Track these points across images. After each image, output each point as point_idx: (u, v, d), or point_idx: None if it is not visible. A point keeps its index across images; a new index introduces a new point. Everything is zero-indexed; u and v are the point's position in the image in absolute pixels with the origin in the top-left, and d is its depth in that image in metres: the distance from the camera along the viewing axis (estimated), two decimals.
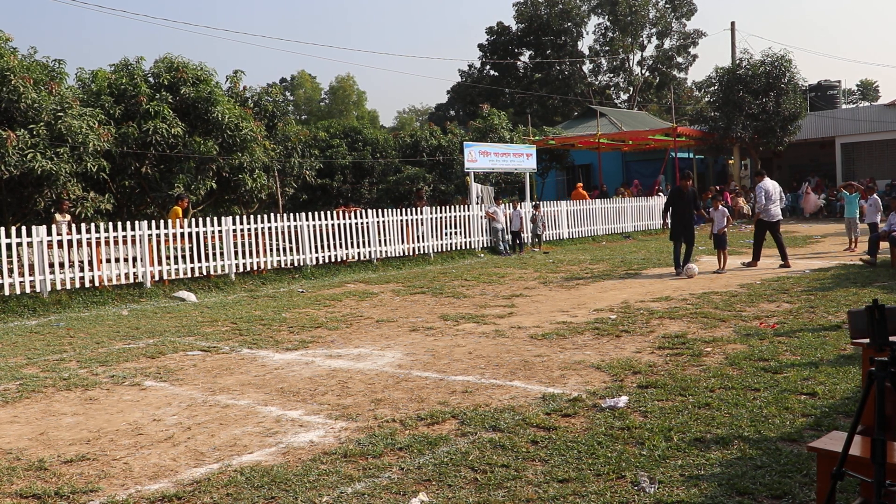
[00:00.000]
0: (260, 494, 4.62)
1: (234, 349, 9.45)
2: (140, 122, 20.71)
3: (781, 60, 32.92)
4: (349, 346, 9.40)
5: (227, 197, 24.27)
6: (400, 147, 39.02)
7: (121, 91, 21.47)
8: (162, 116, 20.85)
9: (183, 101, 21.86)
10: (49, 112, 18.20)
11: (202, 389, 7.41)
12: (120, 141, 20.30)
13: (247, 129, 22.41)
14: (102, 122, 19.77)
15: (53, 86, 19.20)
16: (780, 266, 15.44)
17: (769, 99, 32.63)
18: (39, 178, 17.78)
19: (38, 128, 17.84)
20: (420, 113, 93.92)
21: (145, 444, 5.75)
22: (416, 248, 20.37)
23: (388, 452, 5.29)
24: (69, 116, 18.31)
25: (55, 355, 9.49)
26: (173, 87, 21.99)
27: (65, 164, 17.82)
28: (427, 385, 7.16)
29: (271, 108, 26.62)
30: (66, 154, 18.00)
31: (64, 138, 18.03)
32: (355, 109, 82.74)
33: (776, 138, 33.05)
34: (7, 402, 7.21)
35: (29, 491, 4.84)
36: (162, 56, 22.92)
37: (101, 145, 19.03)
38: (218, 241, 16.55)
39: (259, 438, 5.77)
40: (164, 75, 22.10)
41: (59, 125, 18.07)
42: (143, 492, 4.77)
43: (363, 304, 13.03)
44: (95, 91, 21.72)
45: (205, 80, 22.58)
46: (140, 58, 22.90)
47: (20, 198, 18.73)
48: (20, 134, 17.33)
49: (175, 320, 12.03)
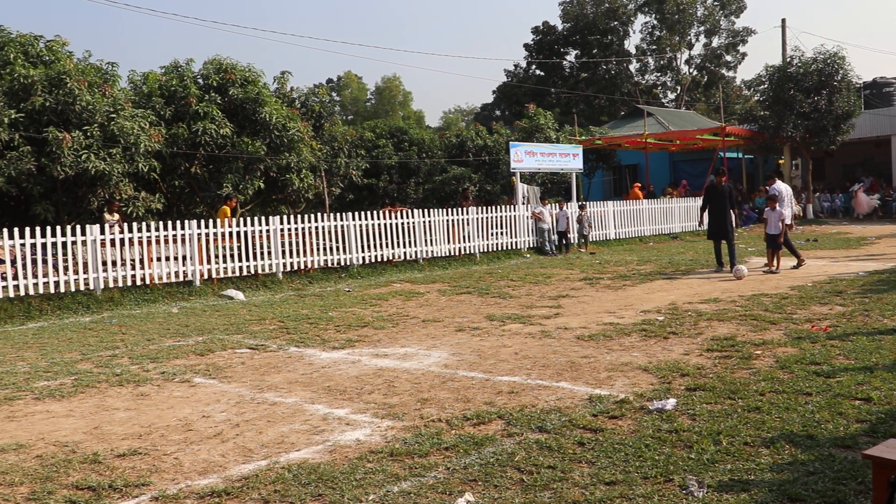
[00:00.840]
0: (307, 492, 4.65)
1: (282, 347, 9.54)
2: (189, 122, 21.02)
3: (834, 58, 32.26)
4: (395, 345, 9.44)
5: (274, 197, 24.52)
6: (446, 147, 39.08)
7: (171, 92, 21.82)
8: (211, 117, 21.14)
9: (231, 101, 22.14)
10: (102, 114, 18.57)
11: (250, 387, 7.50)
12: (170, 141, 20.63)
13: (294, 129, 22.62)
14: (153, 123, 20.12)
15: (107, 88, 19.60)
16: (764, 267, 15.57)
17: (821, 97, 32.01)
18: (93, 179, 18.16)
19: (92, 129, 18.21)
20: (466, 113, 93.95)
21: (195, 440, 5.83)
22: (462, 248, 20.37)
23: (434, 452, 5.29)
24: (122, 118, 18.66)
25: (108, 351, 9.67)
26: (222, 88, 22.29)
27: (117, 165, 18.16)
28: (473, 385, 7.16)
29: (318, 108, 26.83)
30: (119, 154, 18.35)
31: (116, 139, 18.37)
32: (401, 110, 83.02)
33: (828, 137, 32.40)
34: (63, 396, 7.37)
35: (84, 483, 4.94)
36: (211, 58, 23.25)
37: (152, 146, 19.36)
38: (265, 241, 16.72)
39: (306, 436, 5.82)
40: (213, 77, 22.40)
41: (111, 126, 18.43)
42: (193, 486, 4.84)
43: (409, 304, 13.07)
44: (147, 93, 22.10)
45: (253, 81, 22.85)
46: (190, 60, 23.26)
47: (75, 197, 19.14)
48: (75, 135, 17.72)
49: (223, 318, 12.18)
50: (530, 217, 22.29)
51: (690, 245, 23.28)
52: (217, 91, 22.15)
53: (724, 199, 15.49)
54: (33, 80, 18.39)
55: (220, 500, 4.59)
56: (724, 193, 15.53)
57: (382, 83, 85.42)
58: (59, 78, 18.54)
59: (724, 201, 15.48)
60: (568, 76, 64.43)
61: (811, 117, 31.95)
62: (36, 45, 20.21)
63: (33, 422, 6.54)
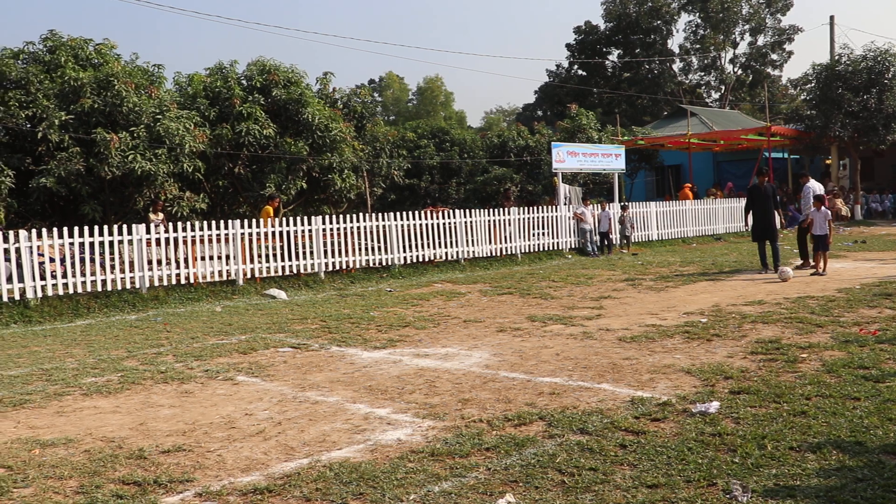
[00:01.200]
0: (348, 490, 4.68)
1: (324, 346, 9.61)
2: (233, 123, 21.26)
3: (885, 55, 31.62)
4: (437, 345, 9.45)
5: (316, 197, 24.71)
6: (487, 147, 39.04)
7: (215, 94, 22.09)
8: (254, 118, 21.36)
9: (274, 102, 22.35)
10: (149, 115, 18.88)
11: (292, 385, 7.56)
12: (214, 142, 20.89)
13: (336, 129, 22.77)
14: (198, 123, 20.38)
15: (153, 90, 19.91)
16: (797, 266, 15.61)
17: (871, 96, 31.39)
18: (139, 179, 18.45)
19: (139, 130, 18.52)
20: (507, 113, 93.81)
21: (238, 438, 5.89)
22: (504, 249, 20.34)
23: (475, 452, 5.29)
24: (167, 119, 18.94)
25: (153, 349, 9.82)
26: (265, 89, 22.51)
27: (162, 165, 18.44)
28: (514, 386, 7.14)
29: (360, 109, 26.99)
30: (164, 155, 18.62)
31: (162, 140, 18.65)
32: (443, 110, 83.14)
33: (878, 137, 31.75)
34: (110, 392, 7.50)
35: (130, 478, 5.02)
36: (255, 59, 23.50)
37: (197, 146, 19.63)
38: (308, 241, 16.85)
39: (347, 435, 5.85)
40: (256, 78, 22.64)
41: (157, 127, 18.72)
42: (236, 483, 4.89)
43: (450, 304, 13.08)
44: (192, 94, 22.41)
45: (296, 83, 23.04)
46: (234, 61, 23.55)
47: (121, 197, 19.47)
48: (122, 136, 18.03)
49: (266, 317, 12.30)
50: (572, 218, 22.17)
51: (734, 246, 22.98)
52: (260, 92, 22.37)
53: (767, 199, 15.31)
54: (83, 83, 18.76)
55: (263, 498, 4.64)
56: (767, 194, 15.34)
57: (424, 83, 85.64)
58: (107, 80, 18.88)
59: (768, 202, 15.31)
60: (610, 76, 63.98)
61: (860, 116, 31.35)
62: (86, 48, 20.60)
63: (81, 417, 6.66)
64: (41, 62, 19.91)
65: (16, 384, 8.03)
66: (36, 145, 18.49)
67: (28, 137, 18.71)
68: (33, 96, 18.50)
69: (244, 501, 4.60)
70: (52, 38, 20.47)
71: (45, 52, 20.30)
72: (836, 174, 36.84)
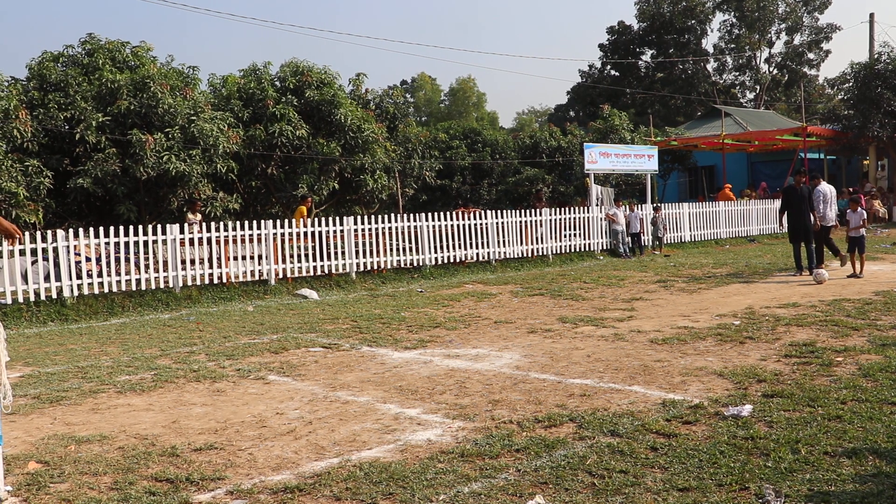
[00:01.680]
0: (378, 490, 4.69)
1: (355, 346, 9.64)
2: (267, 124, 21.42)
3: None
4: (467, 346, 9.45)
5: (348, 197, 24.83)
6: (519, 148, 38.97)
7: (249, 95, 22.27)
8: (287, 119, 21.51)
9: (307, 103, 22.49)
10: (183, 116, 19.09)
11: (323, 385, 7.59)
12: (247, 143, 21.06)
13: (369, 130, 22.86)
14: (232, 125, 20.57)
15: (188, 91, 20.12)
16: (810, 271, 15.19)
17: None
18: (173, 179, 18.65)
19: (174, 131, 18.73)
20: (539, 114, 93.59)
21: (269, 437, 5.93)
22: (535, 250, 20.29)
23: (505, 454, 5.28)
24: (201, 120, 19.14)
25: (186, 348, 9.92)
26: (298, 90, 22.65)
27: (196, 166, 18.63)
28: (545, 387, 7.12)
29: (392, 109, 27.08)
30: (198, 156, 18.82)
31: (196, 141, 18.84)
32: (475, 111, 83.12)
33: None
34: (143, 390, 7.59)
35: (163, 475, 5.08)
36: (288, 61, 23.66)
37: (230, 147, 19.81)
38: (339, 241, 16.92)
39: (378, 435, 5.86)
40: (289, 79, 22.79)
41: (192, 128, 18.92)
42: (267, 482, 4.92)
43: (481, 305, 13.07)
44: (226, 95, 22.62)
45: (328, 84, 23.16)
46: (267, 63, 23.73)
47: (156, 197, 19.69)
48: (157, 137, 18.25)
49: (298, 317, 12.37)
50: (604, 219, 22.06)
51: (768, 248, 22.71)
52: (294, 93, 22.52)
53: (803, 200, 15.14)
54: (119, 85, 19.01)
55: (293, 496, 4.66)
56: (803, 195, 15.18)
57: (456, 84, 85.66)
58: (143, 82, 19.13)
59: (803, 203, 15.14)
60: (643, 76, 63.56)
61: None
62: (122, 50, 20.88)
63: (115, 414, 6.74)
64: (80, 65, 20.22)
65: (52, 381, 8.15)
66: (74, 146, 18.78)
67: (66, 139, 19.01)
68: (72, 98, 18.80)
69: (275, 500, 4.63)
70: (91, 42, 20.77)
71: (83, 55, 20.61)
72: (874, 175, 36.28)
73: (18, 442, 5.96)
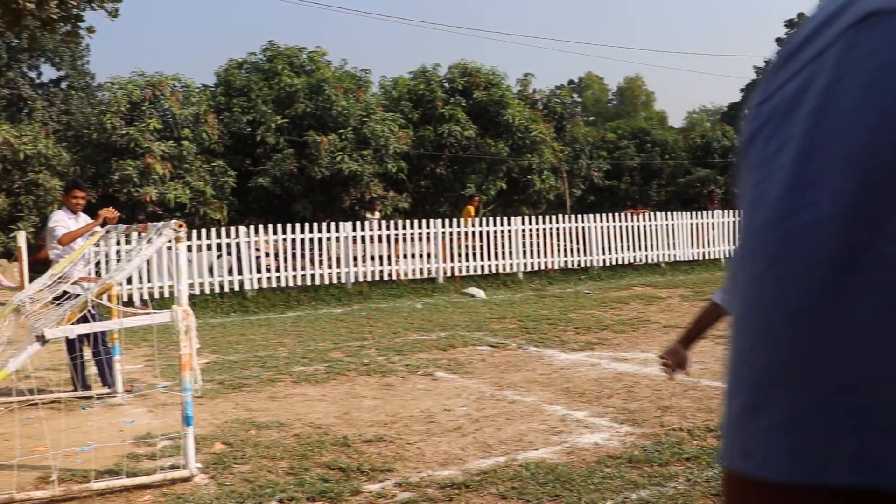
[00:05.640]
0: (544, 491, 4.64)
1: (521, 346, 9.63)
2: (436, 125, 21.79)
3: None
4: (636, 349, 9.23)
5: (515, 197, 24.87)
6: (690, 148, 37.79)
7: (418, 96, 22.73)
8: (456, 119, 21.79)
9: (475, 104, 22.69)
10: (356, 118, 19.74)
11: (490, 383, 7.62)
12: (417, 143, 21.51)
13: (536, 131, 22.82)
14: (402, 125, 21.07)
15: (360, 94, 20.81)
16: None
17: None
18: (346, 178, 19.33)
19: (346, 132, 19.40)
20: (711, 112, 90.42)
21: (436, 432, 6.00)
22: (707, 253, 19.60)
23: (675, 462, 5.11)
24: (373, 121, 19.73)
25: (357, 342, 10.22)
26: (467, 91, 22.90)
27: (368, 165, 19.22)
28: (717, 395, 6.84)
29: (560, 109, 26.90)
30: (370, 156, 19.40)
31: (368, 141, 19.44)
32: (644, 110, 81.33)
33: None
34: (317, 381, 7.88)
35: (335, 464, 5.24)
36: (456, 62, 23.94)
37: (401, 147, 20.31)
38: (507, 241, 16.97)
39: (544, 436, 5.82)
40: (458, 80, 23.07)
41: (364, 129, 19.54)
42: (434, 476, 4.98)
43: (650, 308, 12.75)
44: (396, 97, 23.19)
45: (496, 84, 23.28)
46: (436, 65, 24.10)
47: (329, 196, 20.46)
48: (331, 138, 18.96)
49: (465, 315, 12.49)
50: None
51: None
52: (462, 94, 22.79)
53: None
54: (297, 89, 19.91)
55: (460, 492, 4.69)
56: None
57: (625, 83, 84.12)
58: (318, 85, 19.94)
59: None
60: None
61: None
62: (300, 56, 21.83)
63: (291, 403, 7.03)
64: (261, 70, 21.32)
65: (235, 369, 8.61)
66: (255, 148, 19.82)
67: (248, 140, 20.09)
68: (254, 102, 19.85)
69: (442, 495, 4.67)
70: (271, 48, 21.86)
71: (264, 62, 21.71)
72: None
73: (206, 424, 6.32)
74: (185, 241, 5.22)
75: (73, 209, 7.80)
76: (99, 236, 7.31)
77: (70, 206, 7.80)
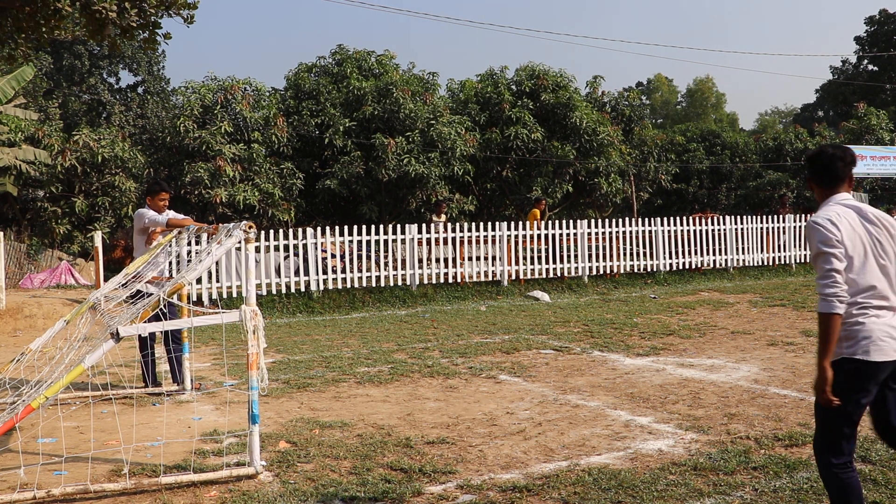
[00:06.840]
0: (607, 497, 4.62)
1: (585, 350, 9.57)
2: (502, 127, 21.79)
3: None
4: (702, 355, 9.10)
5: (582, 200, 24.71)
6: (761, 151, 37.02)
7: (485, 99, 22.76)
8: (523, 122, 21.76)
9: (543, 107, 22.63)
10: (423, 120, 19.87)
11: (553, 387, 7.60)
12: (483, 146, 21.53)
13: (604, 133, 22.64)
14: (468, 128, 21.13)
15: (427, 96, 20.93)
16: None
17: None
18: (413, 181, 19.46)
19: (414, 135, 19.54)
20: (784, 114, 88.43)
21: (498, 435, 6.01)
22: (777, 258, 19.19)
23: (741, 470, 5.03)
24: (440, 124, 19.82)
25: (421, 343, 10.28)
26: (534, 93, 22.85)
27: (435, 168, 19.32)
28: (785, 403, 6.71)
29: (628, 112, 26.65)
30: (436, 158, 19.50)
31: (435, 144, 19.54)
32: (713, 112, 79.95)
33: None
34: (381, 382, 7.95)
35: (398, 465, 5.30)
36: (523, 64, 23.92)
37: (467, 150, 20.36)
38: (572, 244, 16.87)
39: (607, 441, 5.78)
40: (525, 83, 23.04)
41: (431, 132, 19.65)
42: (496, 479, 4.99)
43: (717, 314, 12.55)
44: (463, 100, 23.27)
45: (564, 87, 23.18)
46: (503, 67, 24.11)
47: (396, 198, 20.62)
48: (398, 141, 19.11)
49: (529, 319, 12.46)
50: None
51: None
52: (529, 96, 22.75)
53: None
54: (365, 92, 20.13)
55: (521, 496, 4.69)
56: None
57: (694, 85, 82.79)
58: (386, 89, 20.12)
59: None
60: None
61: None
62: (368, 59, 22.08)
63: (355, 403, 7.12)
64: (330, 74, 21.61)
65: (300, 368, 8.75)
66: (322, 150, 20.10)
67: (316, 143, 20.39)
68: (322, 105, 20.13)
69: (503, 498, 4.69)
70: (340, 52, 22.15)
71: (333, 65, 22.01)
72: None
73: (271, 422, 6.44)
74: (254, 242, 5.32)
75: (160, 210, 8.04)
76: (171, 237, 7.50)
77: (157, 208, 8.04)
